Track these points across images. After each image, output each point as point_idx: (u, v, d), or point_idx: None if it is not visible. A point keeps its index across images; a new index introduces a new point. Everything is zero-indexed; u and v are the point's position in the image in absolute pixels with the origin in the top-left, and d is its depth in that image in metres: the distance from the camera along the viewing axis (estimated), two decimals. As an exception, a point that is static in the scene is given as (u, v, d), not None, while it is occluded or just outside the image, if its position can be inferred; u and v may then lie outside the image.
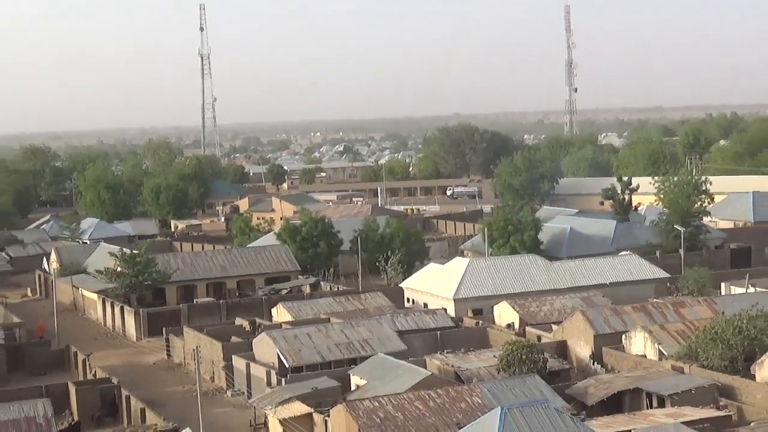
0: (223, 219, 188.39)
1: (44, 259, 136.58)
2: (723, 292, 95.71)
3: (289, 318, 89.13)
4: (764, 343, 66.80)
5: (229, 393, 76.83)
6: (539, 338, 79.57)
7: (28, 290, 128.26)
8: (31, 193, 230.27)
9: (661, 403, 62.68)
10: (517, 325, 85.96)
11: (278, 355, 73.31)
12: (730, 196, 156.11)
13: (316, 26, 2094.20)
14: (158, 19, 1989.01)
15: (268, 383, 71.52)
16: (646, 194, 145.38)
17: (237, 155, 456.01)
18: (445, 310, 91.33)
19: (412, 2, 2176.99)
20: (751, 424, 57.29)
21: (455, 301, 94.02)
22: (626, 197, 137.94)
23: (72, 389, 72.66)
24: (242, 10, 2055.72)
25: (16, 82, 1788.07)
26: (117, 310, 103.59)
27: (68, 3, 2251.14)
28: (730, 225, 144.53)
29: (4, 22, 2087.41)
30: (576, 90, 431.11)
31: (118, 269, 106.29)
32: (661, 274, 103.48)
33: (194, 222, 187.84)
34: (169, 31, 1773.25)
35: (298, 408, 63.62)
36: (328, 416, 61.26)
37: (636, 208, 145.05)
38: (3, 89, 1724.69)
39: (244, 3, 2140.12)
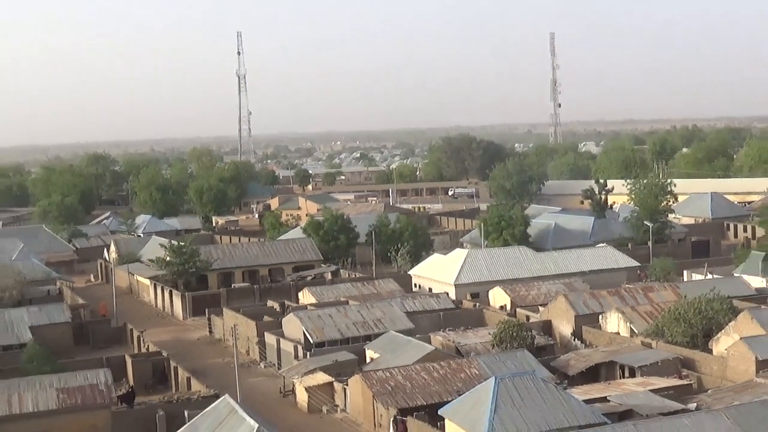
0: (257, 215, 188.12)
1: (105, 250, 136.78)
2: (685, 279, 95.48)
3: (313, 300, 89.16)
4: (720, 322, 66.78)
5: (262, 365, 76.92)
6: (528, 318, 79.55)
7: (92, 276, 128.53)
8: (94, 193, 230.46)
9: (632, 374, 62.65)
10: (508, 307, 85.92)
11: (304, 332, 73.36)
12: (692, 196, 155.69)
13: (336, 50, 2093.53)
14: (202, 44, 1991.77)
15: (296, 356, 71.61)
16: (620, 194, 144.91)
17: (269, 161, 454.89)
18: (447, 293, 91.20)
19: (419, 30, 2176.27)
20: (708, 392, 57.26)
21: (456, 286, 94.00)
22: (603, 197, 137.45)
23: (128, 361, 73.05)
24: (273, 35, 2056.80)
25: (82, 98, 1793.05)
26: (166, 293, 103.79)
27: (126, 32, 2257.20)
28: (691, 221, 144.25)
29: (72, 50, 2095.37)
30: (560, 105, 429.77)
31: (168, 258, 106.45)
32: (632, 263, 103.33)
33: (232, 218, 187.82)
34: (211, 54, 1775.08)
35: (321, 377, 63.80)
36: (347, 384, 61.45)
37: (611, 207, 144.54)
38: (72, 104, 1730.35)
39: (275, 30, 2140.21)
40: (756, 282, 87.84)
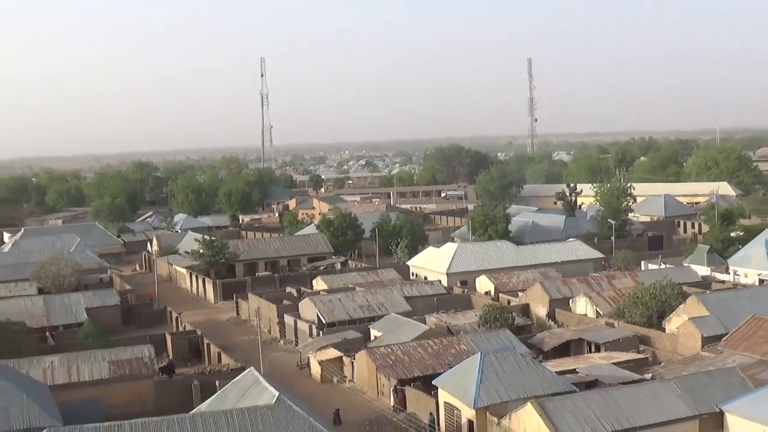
0: (277, 214, 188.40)
1: (148, 244, 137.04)
2: (642, 268, 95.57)
3: (325, 287, 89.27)
4: (672, 305, 66.87)
5: (281, 342, 77.00)
6: (509, 302, 79.59)
7: (137, 266, 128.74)
8: (139, 195, 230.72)
9: (598, 349, 62.70)
10: (492, 293, 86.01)
11: (317, 314, 73.52)
12: (648, 198, 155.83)
13: (345, 74, 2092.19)
14: (232, 68, 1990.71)
15: (310, 335, 71.73)
16: (587, 196, 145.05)
17: (287, 167, 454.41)
18: (440, 281, 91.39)
19: (416, 57, 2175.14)
20: (662, 364, 57.37)
21: (447, 274, 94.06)
22: (572, 199, 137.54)
23: (168, 338, 73.09)
24: (292, 61, 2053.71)
25: (129, 114, 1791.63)
26: (200, 280, 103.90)
27: (165, 60, 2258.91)
28: (647, 219, 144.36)
29: (125, 75, 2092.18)
30: (536, 120, 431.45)
31: (201, 251, 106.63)
32: (597, 255, 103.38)
33: (256, 216, 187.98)
34: (238, 76, 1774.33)
35: (332, 353, 63.86)
36: (354, 359, 61.51)
37: (580, 207, 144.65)
38: (121, 119, 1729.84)
39: (295, 54, 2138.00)
40: (702, 270, 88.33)
